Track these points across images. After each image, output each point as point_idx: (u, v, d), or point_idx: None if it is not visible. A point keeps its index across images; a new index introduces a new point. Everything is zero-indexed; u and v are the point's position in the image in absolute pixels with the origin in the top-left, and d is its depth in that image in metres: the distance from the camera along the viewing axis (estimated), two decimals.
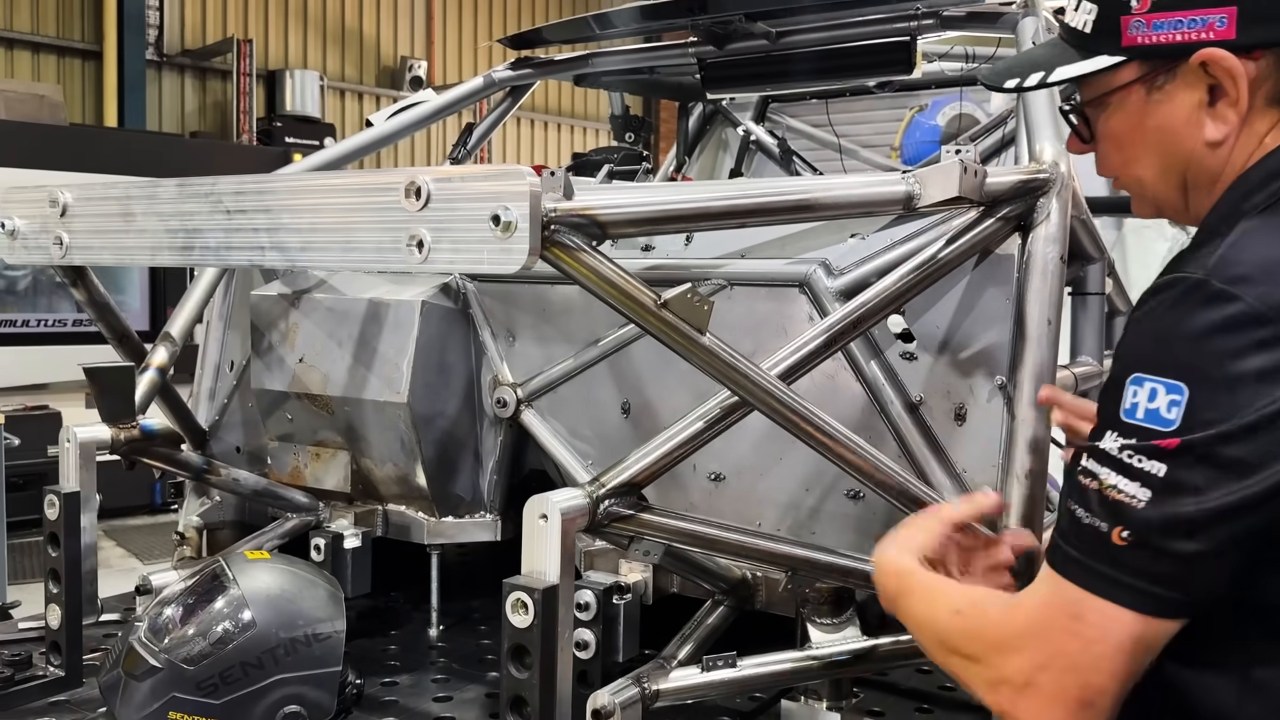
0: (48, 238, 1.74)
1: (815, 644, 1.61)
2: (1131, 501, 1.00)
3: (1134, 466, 1.01)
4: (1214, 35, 1.14)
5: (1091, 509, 1.03)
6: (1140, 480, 1.00)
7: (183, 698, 1.63)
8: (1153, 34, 1.17)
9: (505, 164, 2.89)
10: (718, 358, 1.39)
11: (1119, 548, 1.01)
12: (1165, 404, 1.00)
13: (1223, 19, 1.13)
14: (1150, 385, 1.01)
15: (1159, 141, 1.22)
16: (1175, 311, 1.03)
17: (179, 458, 2.07)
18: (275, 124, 10.53)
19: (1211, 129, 1.17)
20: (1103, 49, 1.21)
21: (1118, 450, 1.02)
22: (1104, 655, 1.02)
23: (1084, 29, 1.23)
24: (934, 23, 2.50)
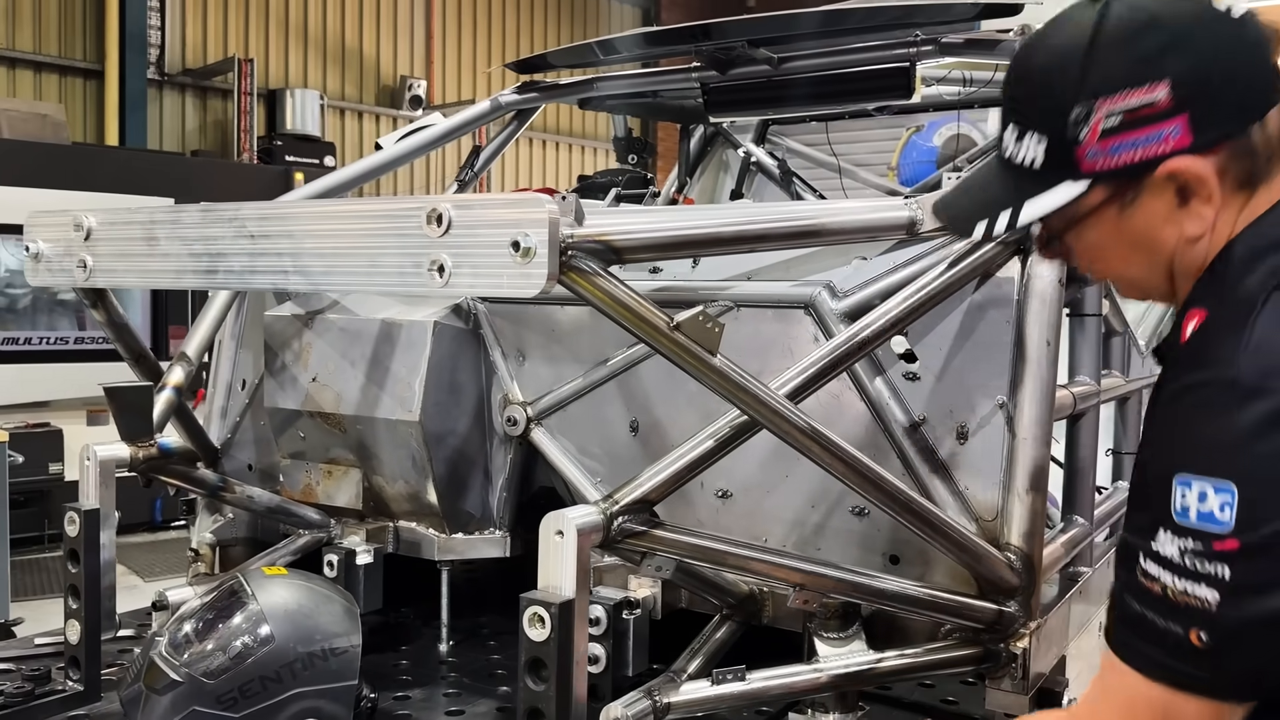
0: (71, 260, 1.79)
1: (822, 658, 1.65)
2: (1202, 605, 1.03)
3: (1199, 570, 1.03)
4: (1172, 145, 1.14)
5: (1164, 613, 1.05)
6: (1207, 583, 1.03)
7: (203, 711, 1.66)
8: (1111, 158, 1.16)
9: (520, 189, 2.92)
10: (728, 378, 1.43)
11: (1199, 649, 1.03)
12: (1217, 505, 1.02)
13: (1176, 129, 1.14)
14: (1199, 487, 1.03)
15: (1139, 246, 1.23)
16: (1213, 411, 1.05)
17: (195, 475, 2.11)
18: (276, 142, 10.59)
19: (1189, 226, 1.19)
20: (1063, 178, 1.20)
21: (1178, 555, 1.04)
22: None
23: (1033, 165, 1.21)
24: (933, 49, 2.56)
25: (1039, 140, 1.20)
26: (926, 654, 1.66)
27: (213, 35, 11.05)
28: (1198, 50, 1.14)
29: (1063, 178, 1.20)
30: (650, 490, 1.48)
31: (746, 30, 2.67)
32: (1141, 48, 1.15)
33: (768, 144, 3.87)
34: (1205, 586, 1.02)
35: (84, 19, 10.19)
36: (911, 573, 1.73)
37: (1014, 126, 1.24)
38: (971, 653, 1.65)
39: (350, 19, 12.25)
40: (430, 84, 12.81)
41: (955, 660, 1.65)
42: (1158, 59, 1.13)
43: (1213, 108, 1.14)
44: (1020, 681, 1.63)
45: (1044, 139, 1.20)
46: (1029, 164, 1.21)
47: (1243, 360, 1.05)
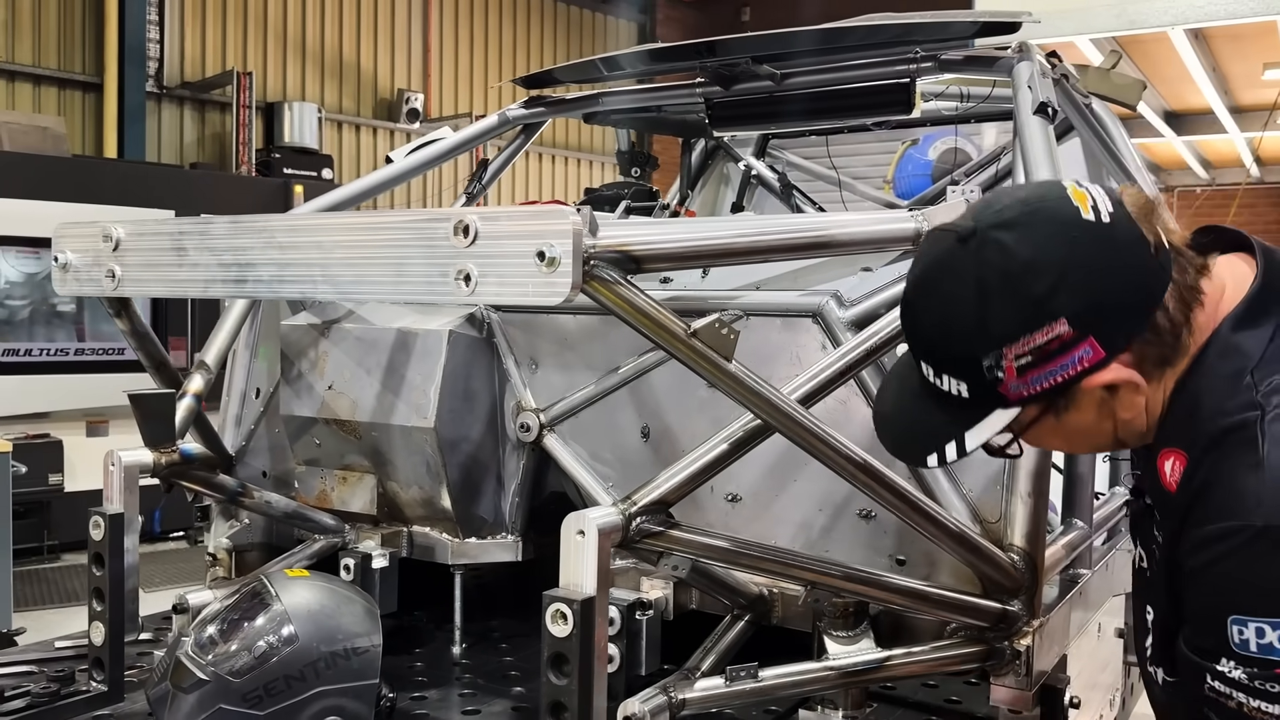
0: (100, 270, 1.84)
1: (832, 655, 1.70)
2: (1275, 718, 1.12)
3: (1267, 690, 1.11)
4: (1087, 364, 1.19)
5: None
6: (1277, 701, 1.11)
7: (229, 709, 1.71)
8: (1033, 387, 1.21)
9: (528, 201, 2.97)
10: (743, 383, 1.48)
11: None
12: (1276, 638, 1.10)
13: (1087, 350, 1.19)
14: (1255, 625, 1.11)
15: (1082, 436, 1.31)
16: (1253, 558, 1.12)
17: (215, 481, 2.15)
18: (274, 155, 10.64)
19: (1123, 412, 1.25)
20: (993, 406, 1.25)
21: (1246, 679, 1.13)
22: None
23: (960, 395, 1.25)
24: (932, 65, 2.62)
25: (958, 381, 1.25)
26: (933, 651, 1.71)
27: (211, 48, 11.11)
28: (1081, 282, 1.18)
29: (993, 406, 1.25)
30: (667, 492, 1.54)
31: (750, 47, 2.74)
32: (1028, 294, 1.18)
33: (768, 157, 3.93)
34: (1276, 705, 1.11)
35: (83, 32, 10.24)
36: (917, 574, 1.78)
37: (929, 367, 1.28)
38: (976, 650, 1.70)
39: (348, 32, 12.32)
40: (427, 97, 12.87)
41: (960, 658, 1.70)
42: (1048, 301, 1.17)
43: (1112, 323, 1.19)
44: (1024, 678, 1.68)
45: (963, 382, 1.24)
46: (956, 395, 1.26)
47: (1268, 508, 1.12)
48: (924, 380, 1.29)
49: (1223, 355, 1.22)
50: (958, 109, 3.30)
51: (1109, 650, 2.53)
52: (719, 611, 1.94)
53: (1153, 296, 1.20)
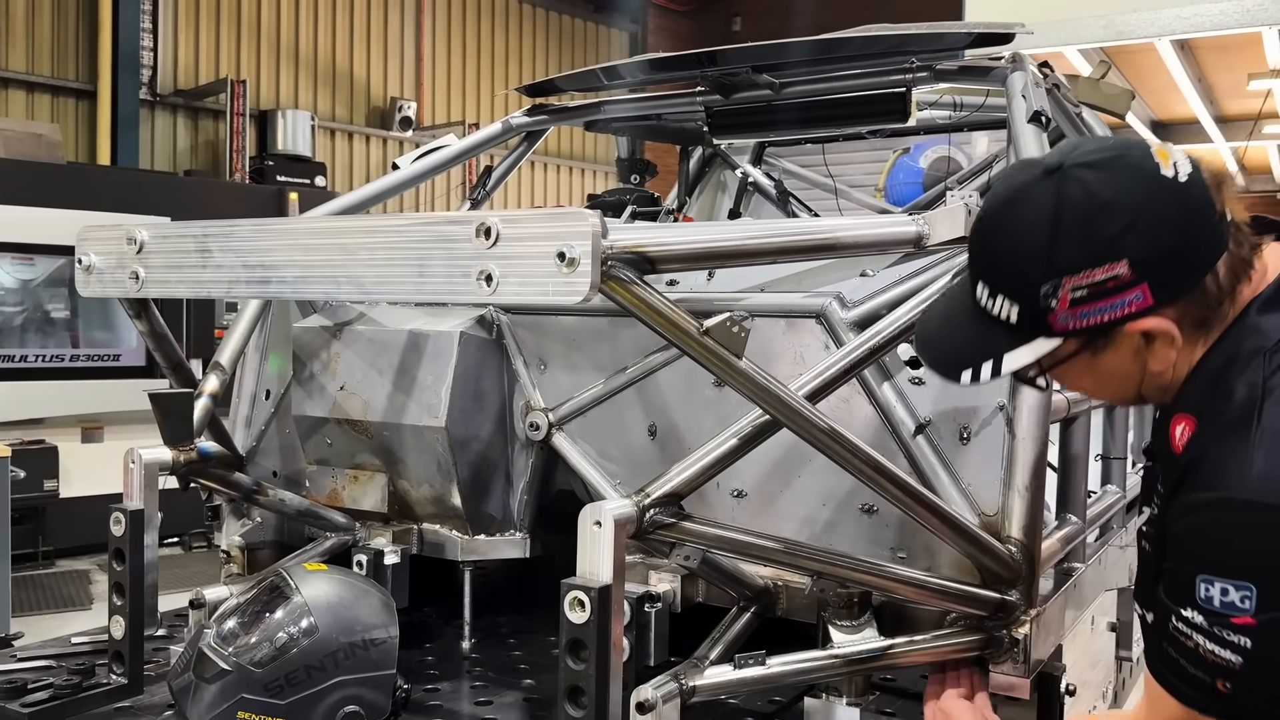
0: (124, 272, 1.88)
1: (837, 644, 1.75)
2: (1227, 664, 1.22)
3: (1223, 637, 1.22)
4: (1135, 308, 1.28)
5: (1194, 663, 1.26)
6: (1230, 649, 1.22)
7: (250, 698, 1.76)
8: (1080, 321, 1.30)
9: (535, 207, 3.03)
10: (753, 380, 1.54)
11: (1223, 694, 1.24)
12: (1238, 598, 1.21)
13: (1138, 295, 1.28)
14: (1221, 585, 1.22)
15: (1110, 379, 1.39)
16: (1228, 527, 1.23)
17: (231, 479, 2.20)
18: (267, 163, 10.67)
19: (1154, 364, 1.34)
20: (1037, 334, 1.33)
21: (1206, 623, 1.23)
22: None
23: (1009, 319, 1.34)
24: (928, 75, 2.69)
25: (1011, 304, 1.33)
26: (934, 640, 1.76)
27: (205, 56, 11.15)
28: (1151, 230, 1.27)
29: (1037, 334, 1.33)
30: (679, 485, 1.59)
31: (749, 57, 2.80)
32: (1100, 233, 1.27)
33: (764, 165, 4.00)
34: (1230, 651, 1.22)
35: (77, 39, 10.27)
36: (918, 566, 1.84)
37: (984, 286, 1.37)
38: (976, 639, 1.76)
39: (341, 41, 12.38)
40: (420, 105, 12.93)
41: (961, 646, 1.76)
42: (1116, 241, 1.27)
43: (1168, 274, 1.28)
44: (1022, 665, 1.74)
45: (1016, 305, 1.33)
46: (1004, 319, 1.34)
47: (1250, 484, 1.21)
48: (975, 303, 1.38)
49: (1246, 333, 1.31)
50: (951, 118, 3.38)
51: (1102, 644, 2.60)
52: (725, 604, 1.99)
53: (1209, 260, 1.29)
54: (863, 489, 1.87)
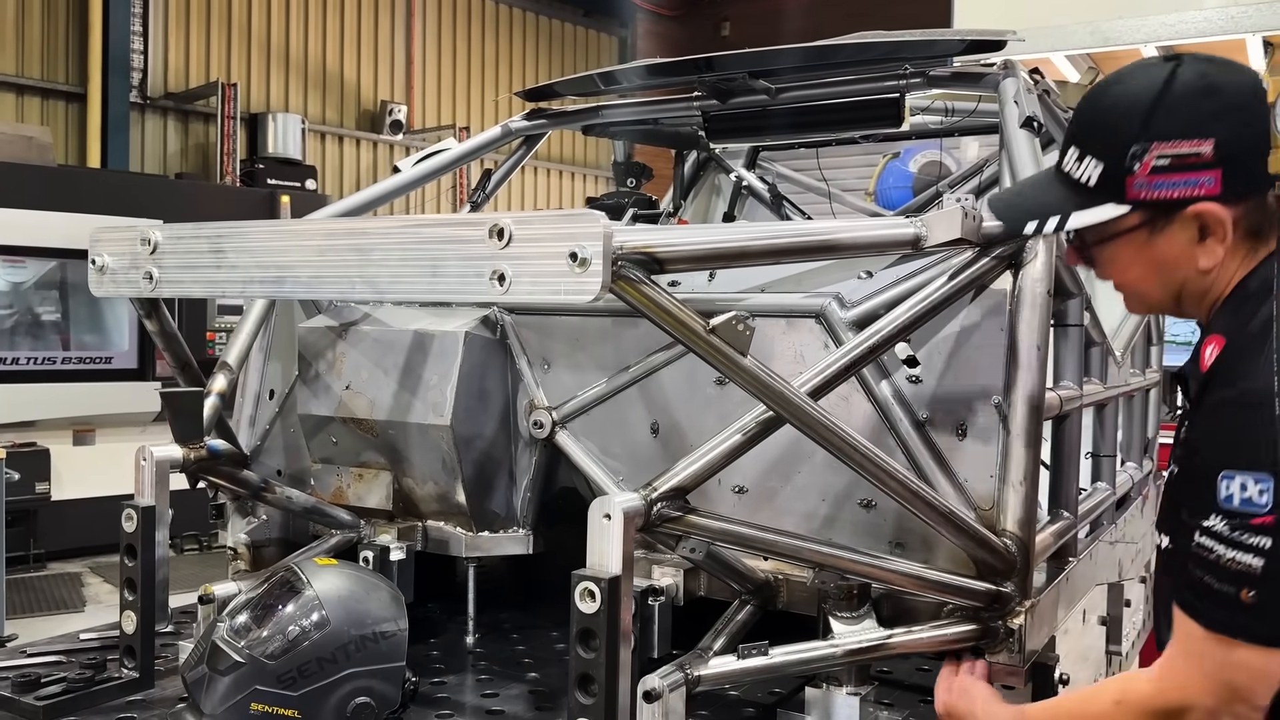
0: (137, 273, 1.92)
1: (838, 635, 1.80)
2: (1249, 569, 1.28)
3: (1244, 542, 1.28)
4: (1204, 191, 1.40)
5: (1219, 577, 1.31)
6: (1252, 552, 1.28)
7: (264, 690, 1.79)
8: (1154, 191, 1.42)
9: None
10: (757, 377, 1.59)
11: (1249, 605, 1.29)
12: (1256, 492, 1.27)
13: (1211, 179, 1.40)
14: (1240, 480, 1.28)
15: (1158, 269, 1.48)
16: (1246, 419, 1.30)
17: (240, 476, 2.23)
18: (258, 166, 10.69)
19: (1203, 260, 1.44)
20: (1108, 199, 1.45)
21: (1228, 530, 1.29)
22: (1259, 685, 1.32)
23: (1088, 182, 1.47)
24: (921, 81, 2.75)
25: (1097, 164, 1.46)
26: (932, 630, 1.81)
27: (195, 59, 11.15)
28: (1242, 122, 1.41)
29: (1109, 199, 1.45)
30: (685, 480, 1.64)
31: (746, 63, 2.85)
32: (1200, 109, 1.40)
33: (758, 169, 4.05)
34: (1250, 555, 1.28)
35: (67, 42, 10.26)
36: (915, 559, 1.89)
37: (1076, 149, 1.50)
38: (972, 629, 1.81)
39: (331, 44, 12.40)
40: (410, 109, 12.96)
41: (957, 637, 1.81)
42: (1210, 121, 1.39)
43: (1242, 169, 1.41)
44: (1017, 655, 1.79)
45: (1101, 164, 1.45)
46: (1084, 181, 1.47)
47: (1265, 378, 1.29)
48: (1059, 170, 1.51)
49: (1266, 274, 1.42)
50: (942, 123, 3.43)
51: (1093, 639, 2.65)
52: (725, 597, 2.04)
53: (1273, 180, 1.42)
54: (861, 484, 1.92)
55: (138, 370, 7.71)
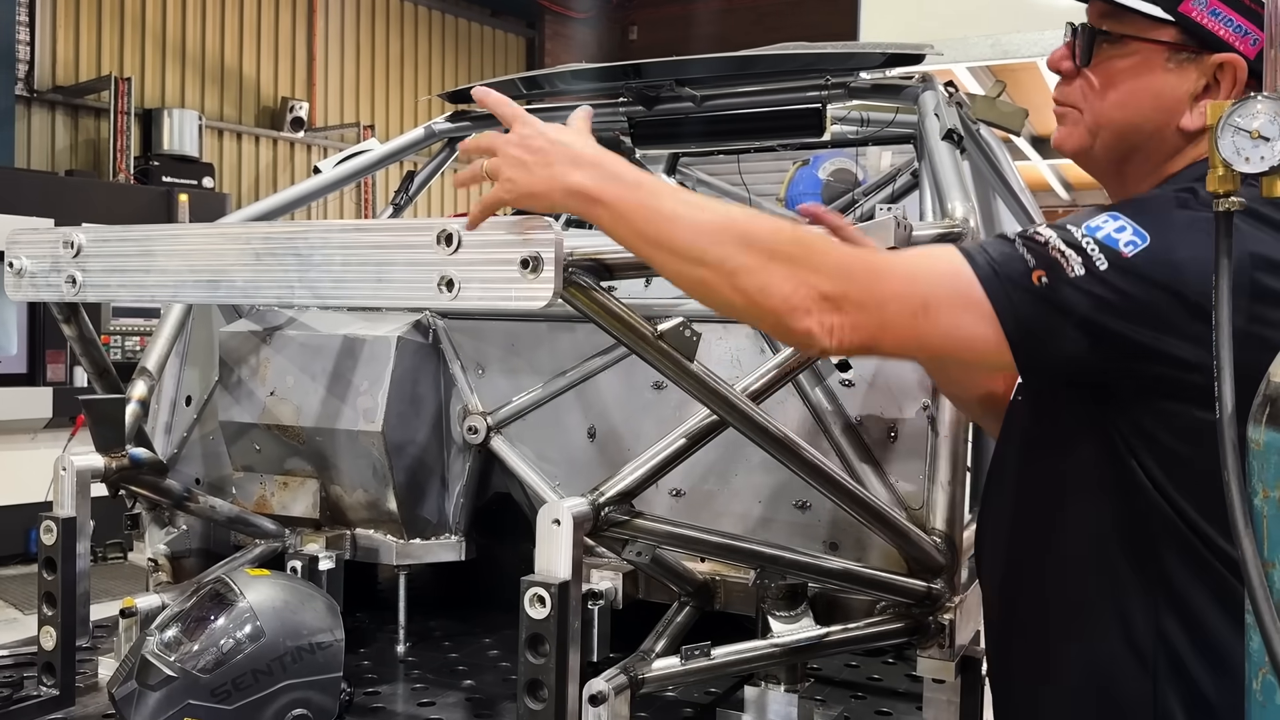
0: (59, 276, 1.85)
1: (776, 634, 1.84)
2: (1066, 265, 1.22)
3: (1086, 250, 1.22)
4: (1242, 47, 1.34)
5: (1031, 250, 1.24)
6: (1083, 259, 1.22)
7: (197, 704, 1.75)
8: (1207, 17, 1.34)
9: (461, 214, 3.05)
10: (702, 382, 1.62)
11: (1029, 284, 1.22)
12: (1125, 239, 1.22)
13: (1256, 39, 1.33)
14: (1123, 222, 1.24)
15: (1148, 102, 1.39)
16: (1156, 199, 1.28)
17: (163, 486, 2.17)
18: (152, 163, 10.33)
19: (1189, 118, 1.38)
20: (1160, 3, 1.35)
21: (1080, 235, 1.23)
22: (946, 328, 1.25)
23: None
24: (842, 92, 2.82)
25: None
26: (866, 627, 1.87)
27: (85, 52, 10.72)
28: None
29: (1161, 3, 1.36)
30: (631, 484, 1.66)
31: (673, 70, 2.89)
32: None
33: (678, 174, 4.09)
34: (1080, 258, 1.22)
35: None
36: (849, 557, 1.95)
37: None
38: (904, 625, 1.87)
39: (230, 39, 12.06)
40: (312, 106, 12.68)
41: (890, 633, 1.87)
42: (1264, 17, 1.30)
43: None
44: (947, 649, 1.85)
45: None
46: None
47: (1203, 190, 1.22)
48: None
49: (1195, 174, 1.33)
50: (858, 133, 3.51)
51: None
52: (663, 600, 2.06)
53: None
54: (796, 486, 1.97)
55: (27, 375, 7.38)
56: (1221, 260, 1.03)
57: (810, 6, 13.86)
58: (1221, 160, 0.99)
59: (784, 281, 1.26)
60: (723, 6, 14.38)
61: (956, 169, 2.21)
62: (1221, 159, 0.99)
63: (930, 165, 2.33)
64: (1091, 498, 1.38)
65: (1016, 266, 1.24)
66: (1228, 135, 0.99)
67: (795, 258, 1.27)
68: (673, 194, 1.35)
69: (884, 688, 2.19)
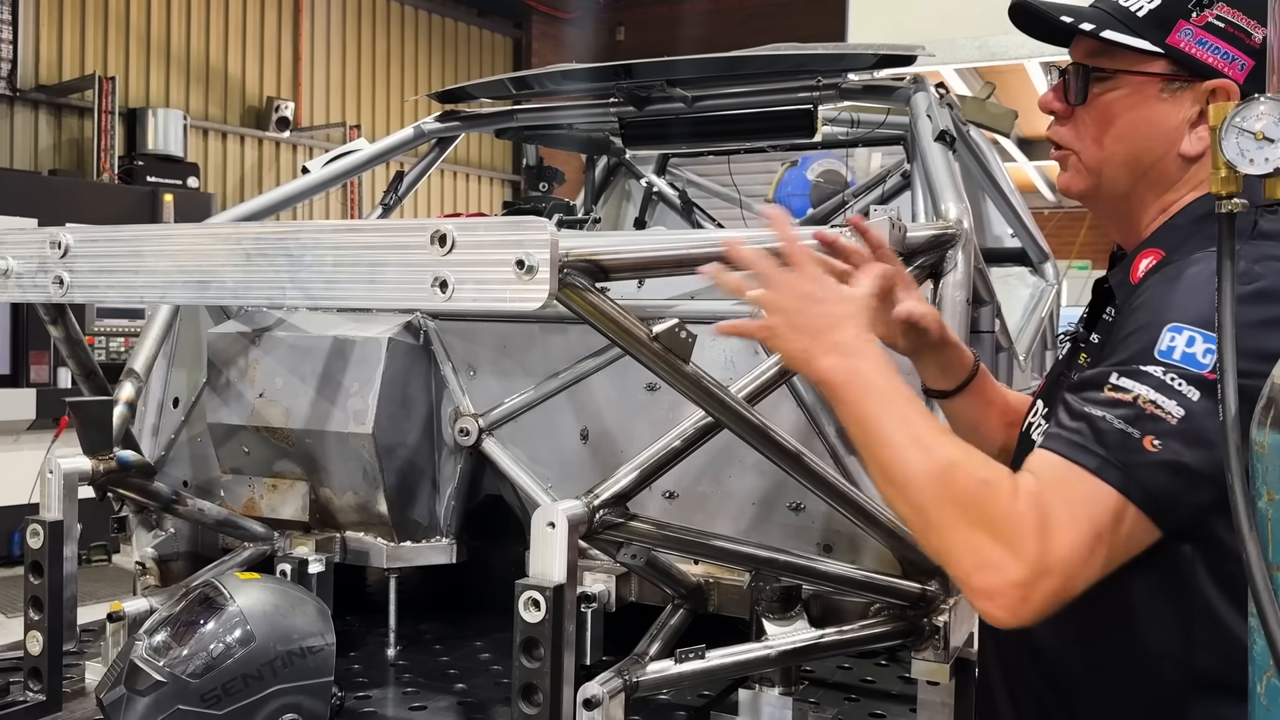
0: (46, 277, 1.82)
1: (771, 636, 1.83)
2: (1167, 416, 1.17)
3: (1172, 388, 1.17)
4: (1230, 73, 1.37)
5: (1129, 419, 1.18)
6: (1178, 400, 1.17)
7: (186, 709, 1.73)
8: (1195, 47, 1.38)
9: (452, 214, 3.03)
10: (698, 383, 1.61)
11: (1148, 456, 1.17)
12: (1201, 350, 1.18)
13: (1244, 64, 1.37)
14: (1189, 334, 1.19)
15: (1146, 133, 1.41)
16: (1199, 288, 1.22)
17: (151, 488, 2.15)
18: (137, 163, 10.25)
19: (1189, 144, 1.39)
20: (1149, 37, 1.38)
21: (1159, 374, 1.19)
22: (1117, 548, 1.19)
23: (1137, 12, 1.40)
24: (834, 93, 2.81)
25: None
26: (861, 629, 1.86)
27: (69, 51, 10.64)
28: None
29: (1149, 37, 1.39)
30: (626, 487, 1.65)
31: (664, 71, 2.88)
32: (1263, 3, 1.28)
33: (668, 175, 4.08)
34: (1175, 403, 1.17)
35: None
36: (843, 559, 1.94)
37: None
38: (898, 627, 1.86)
39: (215, 38, 11.99)
40: (298, 106, 12.62)
41: (885, 634, 1.86)
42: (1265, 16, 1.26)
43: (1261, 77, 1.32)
44: (942, 651, 1.85)
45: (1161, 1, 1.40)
46: (1134, 9, 1.40)
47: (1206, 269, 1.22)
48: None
49: None
50: (848, 134, 3.52)
51: None
52: (656, 603, 2.05)
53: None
54: (790, 488, 1.96)
55: (10, 376, 7.32)
56: (1224, 262, 1.02)
57: (797, 8, 13.88)
58: (1225, 162, 0.99)
59: (967, 556, 1.22)
60: (710, 8, 14.38)
61: (949, 170, 2.21)
62: (1225, 160, 0.99)
63: (923, 166, 2.33)
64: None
65: (1128, 444, 1.19)
66: (1231, 137, 0.99)
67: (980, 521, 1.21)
68: (900, 417, 1.31)
69: (877, 690, 2.19)
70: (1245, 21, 1.39)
